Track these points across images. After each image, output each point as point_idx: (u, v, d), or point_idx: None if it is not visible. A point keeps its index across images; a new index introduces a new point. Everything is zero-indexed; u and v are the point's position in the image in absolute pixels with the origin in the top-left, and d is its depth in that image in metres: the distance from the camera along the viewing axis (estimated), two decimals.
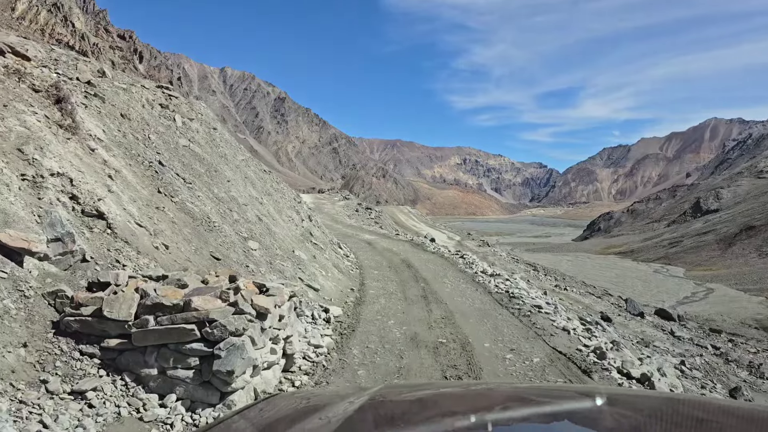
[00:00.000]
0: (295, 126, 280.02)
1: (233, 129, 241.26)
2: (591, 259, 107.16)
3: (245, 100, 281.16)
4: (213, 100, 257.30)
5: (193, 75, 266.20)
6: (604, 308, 33.73)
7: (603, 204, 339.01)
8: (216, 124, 18.07)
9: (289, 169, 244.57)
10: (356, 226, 35.65)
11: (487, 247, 45.14)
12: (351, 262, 17.77)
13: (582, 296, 37.05)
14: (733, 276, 78.22)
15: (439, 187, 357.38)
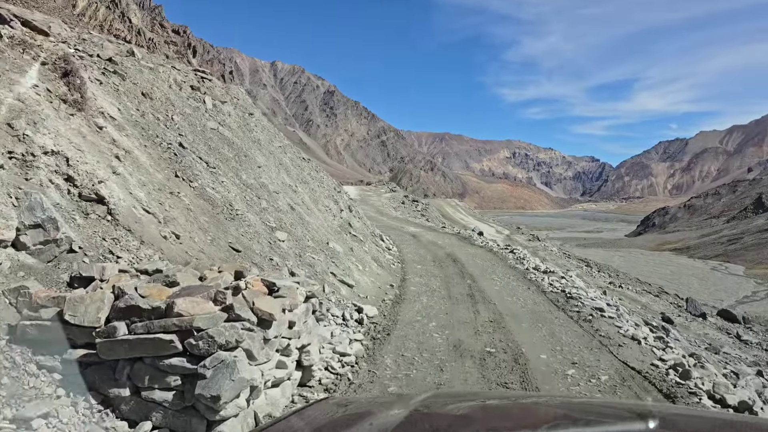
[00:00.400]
0: (344, 119, 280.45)
1: (283, 122, 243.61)
2: (644, 256, 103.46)
3: (295, 94, 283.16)
4: (264, 94, 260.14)
5: (244, 69, 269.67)
6: (662, 308, 31.60)
7: (658, 199, 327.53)
8: (253, 109, 17.16)
9: (337, 162, 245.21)
10: (401, 218, 34.46)
11: (537, 242, 43.23)
12: (393, 256, 16.60)
13: (639, 295, 34.96)
14: None
15: (487, 181, 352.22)
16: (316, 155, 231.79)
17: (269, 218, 10.24)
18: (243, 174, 11.22)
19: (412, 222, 32.02)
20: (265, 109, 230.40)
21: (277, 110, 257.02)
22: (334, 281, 9.91)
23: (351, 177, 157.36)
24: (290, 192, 12.49)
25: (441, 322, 9.40)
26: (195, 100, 12.60)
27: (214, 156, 10.77)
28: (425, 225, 31.00)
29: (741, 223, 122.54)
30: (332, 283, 9.75)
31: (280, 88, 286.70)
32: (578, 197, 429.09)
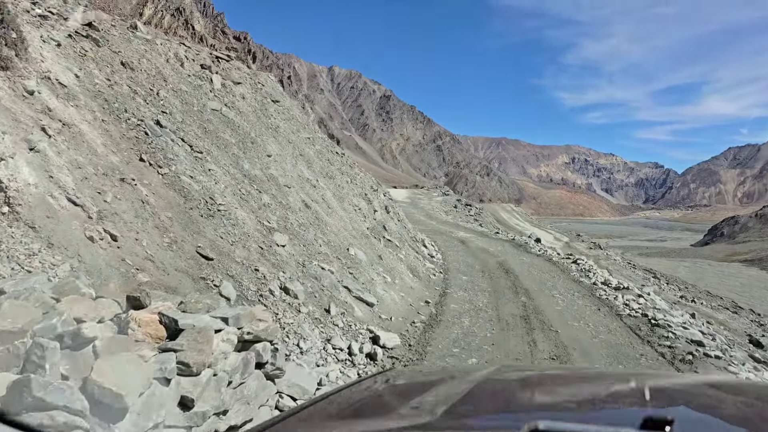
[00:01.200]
0: (400, 123, 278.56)
1: (340, 126, 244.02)
2: (712, 267, 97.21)
3: (351, 98, 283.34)
4: (321, 98, 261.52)
5: (302, 74, 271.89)
6: (743, 326, 27.99)
7: (727, 207, 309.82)
8: (281, 98, 15.16)
9: (393, 167, 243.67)
10: (452, 222, 31.92)
11: (599, 250, 39.77)
12: (435, 264, 14.22)
13: (714, 311, 31.27)
14: None
15: (545, 187, 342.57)
16: (372, 159, 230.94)
17: (270, 217, 8.07)
18: (245, 163, 9.11)
19: (463, 227, 29.43)
20: (322, 113, 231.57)
21: (334, 115, 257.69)
22: (348, 298, 7.64)
23: (406, 181, 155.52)
24: (307, 187, 10.33)
25: (485, 356, 6.99)
26: (200, 78, 10.63)
27: (209, 140, 8.72)
28: (477, 230, 28.36)
29: None
30: (344, 302, 7.48)
31: (337, 92, 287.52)
32: (640, 204, 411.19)
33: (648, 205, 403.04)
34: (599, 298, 11.20)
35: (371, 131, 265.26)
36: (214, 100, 10.14)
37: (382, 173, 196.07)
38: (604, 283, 12.68)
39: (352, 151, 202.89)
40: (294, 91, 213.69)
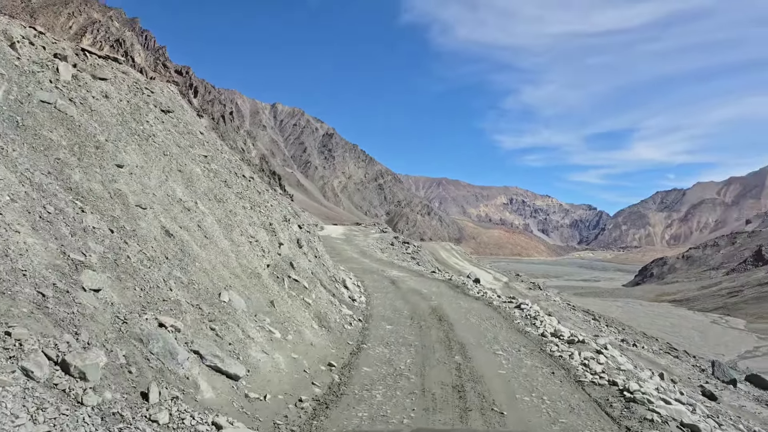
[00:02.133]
0: (342, 162, 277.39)
1: (281, 163, 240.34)
2: (643, 307, 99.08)
3: (294, 135, 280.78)
4: (263, 135, 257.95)
5: (245, 110, 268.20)
6: (686, 372, 26.60)
7: (655, 249, 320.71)
8: (176, 108, 12.58)
9: (334, 204, 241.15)
10: (386, 260, 29.53)
11: (538, 291, 38.24)
12: (354, 310, 11.72)
13: (656, 355, 29.97)
14: None
15: (484, 227, 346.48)
16: (314, 197, 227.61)
17: (88, 246, 5.40)
18: (76, 172, 6.44)
19: (398, 265, 27.07)
20: (264, 149, 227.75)
21: (276, 151, 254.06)
22: (193, 371, 4.99)
23: (347, 219, 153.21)
24: (176, 209, 7.71)
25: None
26: (41, 65, 7.98)
27: (18, 138, 6.05)
28: (412, 269, 26.05)
29: (741, 276, 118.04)
30: (183, 378, 4.83)
31: (280, 129, 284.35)
32: (575, 245, 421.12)
33: (582, 246, 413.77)
34: (551, 355, 8.91)
35: (313, 169, 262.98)
36: (51, 92, 7.47)
37: (324, 211, 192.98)
38: (554, 335, 10.44)
39: (294, 188, 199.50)
40: (236, 127, 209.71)
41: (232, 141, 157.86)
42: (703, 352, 51.87)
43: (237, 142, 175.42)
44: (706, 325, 77.84)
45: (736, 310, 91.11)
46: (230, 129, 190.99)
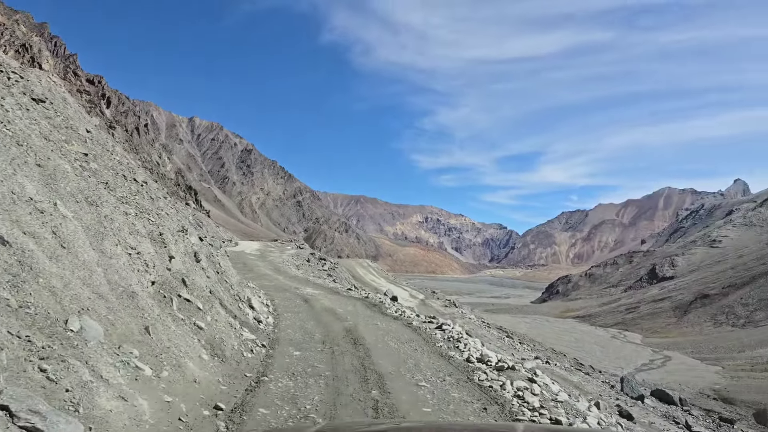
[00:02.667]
0: (261, 178, 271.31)
1: (198, 178, 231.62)
2: (550, 323, 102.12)
3: (212, 150, 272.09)
4: (180, 149, 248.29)
5: (161, 123, 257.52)
6: (597, 389, 26.60)
7: (561, 267, 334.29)
8: (53, 98, 10.63)
9: (252, 221, 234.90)
10: (301, 277, 27.81)
11: (454, 308, 37.70)
12: (259, 334, 10.14)
13: (568, 372, 29.93)
14: (689, 344, 74.85)
15: (400, 244, 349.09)
16: (231, 213, 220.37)
17: None
18: None
19: (313, 282, 25.48)
20: (181, 164, 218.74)
21: (193, 166, 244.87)
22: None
23: (265, 236, 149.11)
24: (23, 210, 5.97)
25: None
26: None
27: None
28: (328, 287, 24.54)
29: (637, 293, 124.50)
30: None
31: (197, 144, 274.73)
32: (487, 263, 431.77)
33: (493, 264, 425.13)
34: (480, 386, 7.74)
35: (231, 184, 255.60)
36: None
37: (241, 227, 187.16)
38: (481, 360, 9.30)
39: (211, 203, 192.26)
40: (151, 140, 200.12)
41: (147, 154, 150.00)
42: (605, 365, 53.45)
43: (152, 155, 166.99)
44: (606, 339, 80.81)
45: (633, 325, 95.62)
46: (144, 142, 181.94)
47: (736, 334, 77.53)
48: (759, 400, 45.12)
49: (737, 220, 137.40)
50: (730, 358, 64.10)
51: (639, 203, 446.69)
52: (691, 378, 53.39)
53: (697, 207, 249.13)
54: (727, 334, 79.23)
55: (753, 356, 63.19)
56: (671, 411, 27.25)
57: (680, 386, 49.43)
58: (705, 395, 45.82)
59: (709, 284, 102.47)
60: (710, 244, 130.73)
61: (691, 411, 29.64)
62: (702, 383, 51.19)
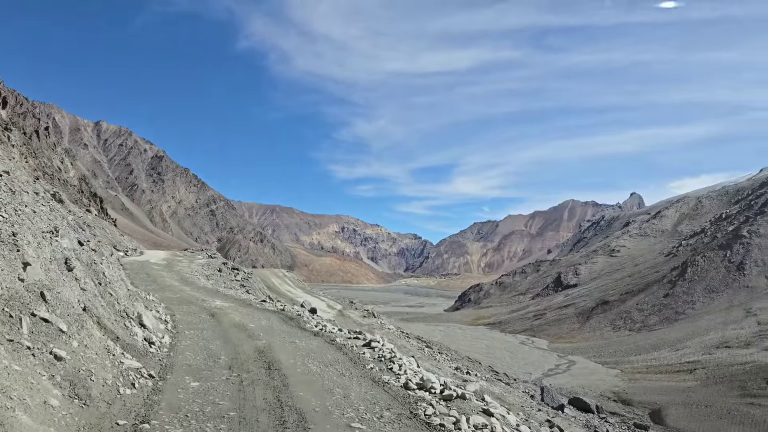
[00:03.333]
0: (172, 186, 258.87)
1: (104, 185, 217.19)
2: (462, 330, 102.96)
3: (120, 156, 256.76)
4: (84, 154, 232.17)
5: (64, 126, 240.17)
6: (519, 400, 25.80)
7: (473, 276, 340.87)
8: None
9: (162, 230, 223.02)
10: (211, 289, 25.20)
11: (372, 318, 36.13)
12: (146, 361, 8.01)
13: (489, 383, 28.95)
14: (591, 348, 77.14)
15: (316, 254, 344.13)
16: (140, 222, 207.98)
17: None
18: None
19: (223, 294, 23.01)
20: (85, 170, 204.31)
21: (99, 172, 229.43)
22: None
23: (176, 246, 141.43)
24: None
25: None
26: None
27: None
28: (240, 298, 22.20)
29: (544, 300, 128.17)
30: None
31: (104, 149, 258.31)
32: (402, 272, 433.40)
33: (408, 273, 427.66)
34: (428, 423, 6.06)
35: (140, 192, 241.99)
36: None
37: (151, 237, 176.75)
38: (422, 386, 7.62)
39: (118, 212, 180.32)
40: (52, 144, 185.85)
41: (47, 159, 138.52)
42: (514, 371, 53.80)
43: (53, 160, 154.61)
44: (515, 345, 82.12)
45: (540, 331, 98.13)
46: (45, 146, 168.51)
47: (633, 338, 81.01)
48: (654, 400, 46.83)
49: (633, 231, 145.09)
50: (627, 362, 66.55)
51: (545, 214, 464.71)
52: (594, 381, 55.13)
53: (598, 218, 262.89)
54: (625, 338, 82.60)
55: (648, 359, 65.99)
56: (591, 420, 27.00)
57: (584, 389, 50.37)
58: (606, 397, 47.43)
59: (609, 291, 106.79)
60: (610, 253, 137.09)
61: (608, 418, 29.65)
62: (603, 386, 53.10)
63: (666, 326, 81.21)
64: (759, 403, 42.70)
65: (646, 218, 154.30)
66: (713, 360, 57.65)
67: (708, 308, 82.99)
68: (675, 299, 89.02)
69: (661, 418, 41.37)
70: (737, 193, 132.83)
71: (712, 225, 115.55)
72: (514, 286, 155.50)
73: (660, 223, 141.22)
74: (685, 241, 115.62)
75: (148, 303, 13.53)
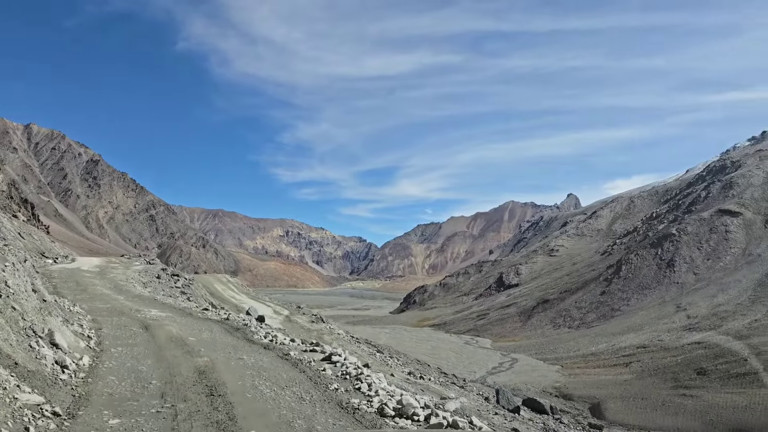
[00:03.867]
0: (109, 191, 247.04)
1: (36, 190, 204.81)
2: (408, 332, 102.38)
3: (52, 161, 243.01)
4: (13, 158, 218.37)
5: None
6: (475, 404, 24.78)
7: (417, 277, 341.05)
8: None
9: (99, 236, 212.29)
10: (147, 297, 22.93)
11: (321, 324, 34.45)
12: (52, 392, 6.25)
13: (444, 387, 27.83)
14: (533, 346, 78.20)
15: (261, 259, 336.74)
16: (75, 228, 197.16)
17: None
18: None
19: (161, 303, 20.86)
20: (15, 174, 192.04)
21: (30, 177, 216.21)
22: None
23: (114, 252, 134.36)
24: None
25: None
26: None
27: None
28: (180, 307, 20.14)
29: (487, 300, 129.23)
30: None
31: (35, 153, 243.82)
32: (347, 275, 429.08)
33: (354, 276, 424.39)
34: None
35: (75, 197, 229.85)
36: None
37: (86, 243, 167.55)
38: (401, 412, 6.21)
39: (51, 218, 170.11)
40: None
41: None
42: (459, 370, 53.40)
43: None
44: (460, 345, 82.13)
45: (484, 331, 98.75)
46: None
47: (572, 335, 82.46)
48: (594, 395, 47.40)
49: (571, 231, 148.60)
50: (567, 358, 67.62)
51: (487, 216, 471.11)
52: (536, 378, 55.96)
53: (537, 219, 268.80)
54: (564, 335, 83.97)
55: (586, 354, 67.24)
56: (547, 422, 26.32)
57: (526, 386, 51.26)
58: (548, 393, 47.88)
59: (549, 290, 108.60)
60: (549, 253, 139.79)
61: (562, 419, 29.14)
62: (545, 382, 53.88)
63: (603, 322, 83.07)
64: (691, 393, 43.81)
65: (583, 218, 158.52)
66: (647, 353, 59.18)
67: (641, 304, 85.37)
68: (611, 296, 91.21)
69: (600, 411, 41.70)
70: (666, 192, 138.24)
71: (644, 224, 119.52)
72: (458, 287, 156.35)
73: (596, 223, 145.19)
74: (619, 240, 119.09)
75: (70, 316, 11.56)
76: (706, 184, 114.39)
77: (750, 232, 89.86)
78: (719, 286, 77.99)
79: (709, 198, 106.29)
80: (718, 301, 71.68)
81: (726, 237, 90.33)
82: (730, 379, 44.78)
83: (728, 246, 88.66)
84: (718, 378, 45.91)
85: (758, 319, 59.65)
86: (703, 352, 53.84)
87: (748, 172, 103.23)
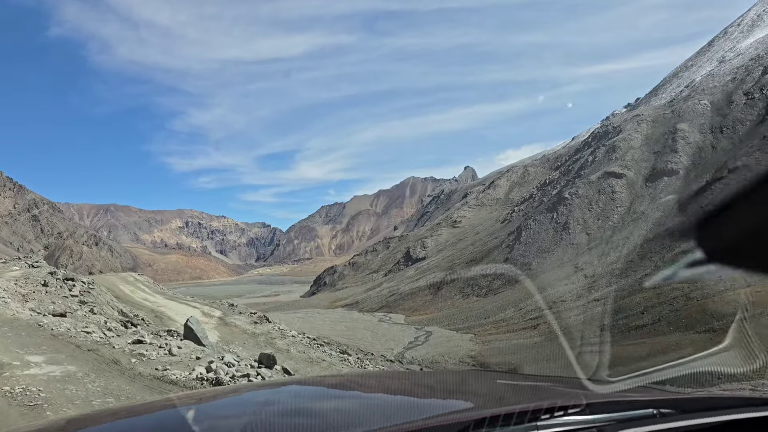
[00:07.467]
0: None
1: None
2: (321, 314, 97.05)
3: None
4: None
5: None
6: None
7: (325, 259, 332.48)
8: None
9: None
10: (25, 322, 14.65)
11: (267, 324, 27.20)
12: None
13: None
14: (445, 318, 76.07)
15: (160, 253, 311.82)
16: None
17: None
18: None
19: (50, 333, 12.89)
20: None
21: None
22: None
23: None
24: None
25: None
26: None
27: None
28: (84, 343, 12.40)
29: (396, 276, 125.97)
30: None
31: None
32: (253, 263, 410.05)
33: (260, 263, 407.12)
34: None
35: None
36: None
37: None
38: None
39: None
40: None
41: None
42: (377, 348, 49.39)
43: None
44: (374, 323, 78.09)
45: (396, 307, 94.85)
46: None
47: (480, 303, 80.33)
48: (509, 360, 45.26)
49: (471, 202, 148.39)
50: (479, 326, 65.55)
51: (389, 193, 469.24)
52: (452, 348, 54.40)
53: (437, 193, 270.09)
54: (473, 304, 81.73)
55: (496, 320, 65.37)
56: None
57: (444, 357, 49.58)
58: (465, 363, 46.93)
59: (455, 261, 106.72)
60: (452, 224, 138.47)
61: None
62: (461, 351, 52.29)
63: (509, 288, 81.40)
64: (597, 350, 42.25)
65: (482, 189, 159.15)
66: (553, 314, 58.06)
67: (542, 267, 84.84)
68: (514, 262, 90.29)
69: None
70: (556, 159, 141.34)
71: (539, 190, 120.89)
72: (367, 264, 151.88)
73: (494, 193, 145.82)
74: (517, 207, 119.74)
75: None
76: (592, 149, 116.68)
77: (633, 191, 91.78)
78: (610, 244, 78.73)
79: (595, 162, 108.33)
80: (611, 259, 72.08)
81: (612, 197, 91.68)
82: (630, 332, 44.15)
83: (615, 206, 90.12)
84: (620, 332, 45.41)
85: (648, 273, 60.09)
86: (602, 308, 53.32)
87: (628, 136, 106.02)
